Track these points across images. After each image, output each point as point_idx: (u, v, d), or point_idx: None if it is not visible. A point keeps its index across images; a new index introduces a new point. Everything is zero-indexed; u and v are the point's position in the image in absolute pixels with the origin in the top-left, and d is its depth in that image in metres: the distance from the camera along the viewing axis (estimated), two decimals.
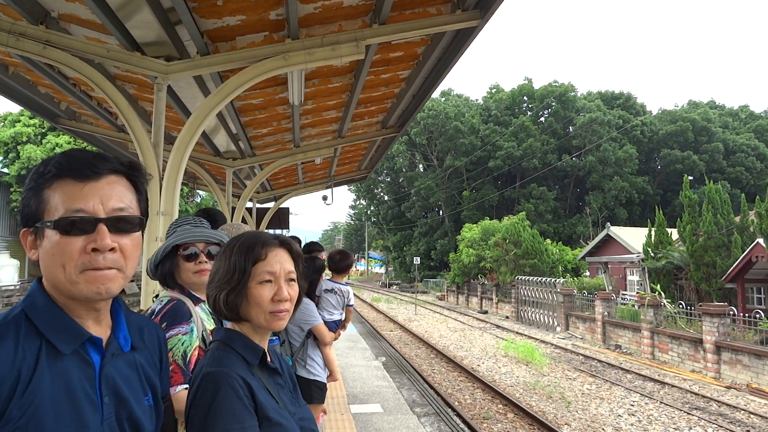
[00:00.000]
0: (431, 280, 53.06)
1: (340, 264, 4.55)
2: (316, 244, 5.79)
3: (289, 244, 1.48)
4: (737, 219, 18.59)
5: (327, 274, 4.71)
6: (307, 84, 6.20)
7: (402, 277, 61.01)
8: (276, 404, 1.37)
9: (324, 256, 5.01)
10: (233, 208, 10.00)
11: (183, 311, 2.08)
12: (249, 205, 13.09)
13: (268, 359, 1.47)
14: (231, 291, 1.39)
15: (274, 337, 3.68)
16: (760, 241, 16.13)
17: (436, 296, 44.00)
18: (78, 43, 4.29)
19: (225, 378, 1.28)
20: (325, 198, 14.01)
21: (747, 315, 14.50)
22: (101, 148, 9.29)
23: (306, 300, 4.02)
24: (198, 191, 30.65)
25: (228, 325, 1.45)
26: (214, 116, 6.75)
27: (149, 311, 2.26)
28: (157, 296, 2.48)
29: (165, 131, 7.41)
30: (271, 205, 14.48)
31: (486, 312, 31.40)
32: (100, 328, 1.13)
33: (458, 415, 9.47)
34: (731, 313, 14.23)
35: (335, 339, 4.45)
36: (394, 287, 57.66)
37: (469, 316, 28.92)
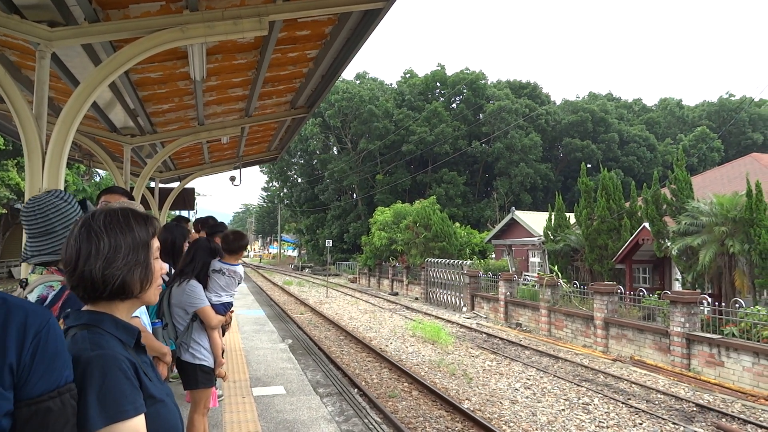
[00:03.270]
0: (344, 263, 53.27)
1: (234, 245, 4.26)
2: (220, 225, 5.63)
3: None
4: (627, 205, 20.00)
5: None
6: (209, 59, 5.97)
7: (315, 260, 60.81)
8: (151, 382, 1.35)
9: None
10: (132, 188, 9.52)
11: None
12: (152, 185, 12.52)
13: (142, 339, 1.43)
14: (143, 268, 1.33)
15: (157, 320, 3.55)
16: (646, 225, 17.48)
17: (349, 279, 44.26)
18: None
19: (112, 360, 1.23)
20: (233, 179, 13.66)
21: (633, 293, 15.72)
22: None
23: (192, 282, 3.87)
24: (97, 170, 28.92)
25: (88, 307, 1.37)
26: (108, 89, 6.39)
27: (38, 299, 2.03)
28: (26, 281, 2.22)
29: (54, 104, 6.93)
30: (175, 185, 13.92)
31: (397, 294, 32.00)
32: None
33: (362, 395, 9.63)
34: (619, 291, 15.36)
35: (225, 323, 4.29)
36: (307, 270, 57.40)
37: (380, 298, 29.36)
